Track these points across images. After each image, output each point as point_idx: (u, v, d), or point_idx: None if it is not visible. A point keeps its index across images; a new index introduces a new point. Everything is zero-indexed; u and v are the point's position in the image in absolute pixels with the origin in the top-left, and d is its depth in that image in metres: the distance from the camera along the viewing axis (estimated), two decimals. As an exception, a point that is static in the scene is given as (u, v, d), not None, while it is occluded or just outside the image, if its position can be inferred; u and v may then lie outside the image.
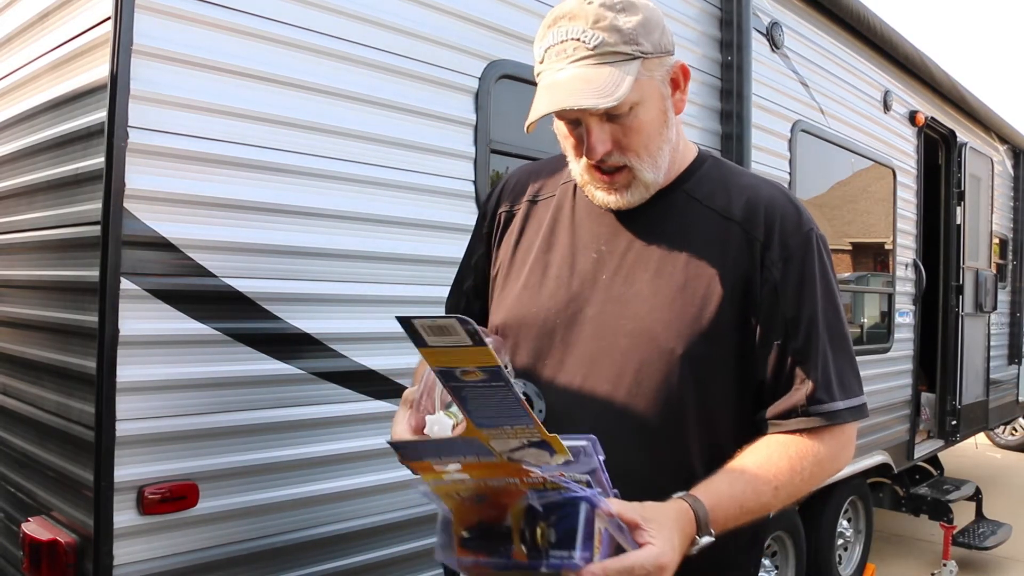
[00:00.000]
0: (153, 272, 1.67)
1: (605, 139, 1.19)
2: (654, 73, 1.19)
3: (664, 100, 1.22)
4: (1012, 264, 6.80)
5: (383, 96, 2.06)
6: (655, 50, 1.18)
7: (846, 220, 4.32)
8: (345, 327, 2.00)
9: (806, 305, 1.21)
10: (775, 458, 1.18)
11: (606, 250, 1.27)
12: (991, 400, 6.03)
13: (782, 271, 1.20)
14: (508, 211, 1.41)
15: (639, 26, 1.16)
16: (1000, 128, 6.31)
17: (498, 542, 0.99)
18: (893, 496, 4.97)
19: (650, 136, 1.21)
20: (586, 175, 1.25)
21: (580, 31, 1.14)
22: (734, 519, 1.14)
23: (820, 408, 1.20)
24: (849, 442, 1.25)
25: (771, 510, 1.21)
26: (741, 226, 1.23)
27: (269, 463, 1.86)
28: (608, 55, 1.14)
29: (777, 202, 1.25)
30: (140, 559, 1.66)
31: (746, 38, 3.20)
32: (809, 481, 1.20)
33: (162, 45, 1.66)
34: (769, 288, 1.21)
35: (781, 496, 1.18)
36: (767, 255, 1.21)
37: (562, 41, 1.15)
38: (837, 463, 1.24)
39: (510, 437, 0.94)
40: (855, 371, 1.26)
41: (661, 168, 1.24)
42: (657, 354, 1.19)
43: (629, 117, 1.18)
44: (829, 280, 1.25)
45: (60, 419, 1.81)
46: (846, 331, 1.26)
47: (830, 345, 1.22)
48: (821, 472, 1.22)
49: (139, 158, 1.63)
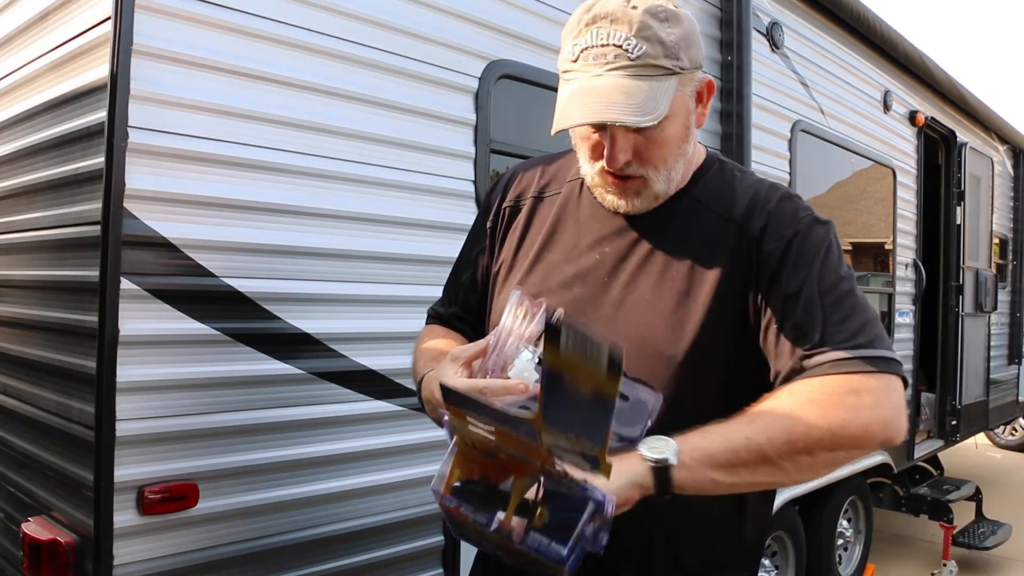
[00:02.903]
0: (153, 272, 1.67)
1: (627, 149, 1.17)
2: (686, 88, 1.17)
3: (689, 115, 1.21)
4: (1012, 264, 6.80)
5: (383, 96, 2.06)
6: (691, 65, 1.16)
7: (846, 220, 4.32)
8: (345, 327, 2.00)
9: (806, 278, 1.15)
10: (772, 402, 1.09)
11: (609, 252, 1.26)
12: (991, 400, 6.02)
13: (779, 259, 1.18)
14: (513, 206, 1.39)
15: (681, 39, 1.13)
16: (1000, 128, 6.31)
17: (487, 502, 0.99)
18: (893, 496, 4.97)
19: (670, 150, 1.20)
20: (598, 178, 1.24)
21: (623, 38, 1.10)
22: (707, 463, 1.05)
23: (823, 358, 1.10)
24: (884, 398, 1.08)
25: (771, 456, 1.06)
26: (740, 226, 1.21)
27: (269, 463, 1.86)
28: (648, 68, 1.10)
29: (774, 200, 1.23)
30: (140, 559, 1.66)
31: (746, 38, 3.20)
32: (832, 423, 1.05)
33: (162, 45, 1.66)
34: (767, 280, 1.18)
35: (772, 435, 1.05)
36: (762, 248, 1.19)
37: (602, 44, 1.11)
38: (877, 410, 1.07)
39: (567, 441, 0.92)
40: (879, 331, 1.13)
41: (673, 180, 1.23)
42: (657, 361, 1.18)
43: (656, 131, 1.16)
44: (832, 255, 1.18)
45: (60, 419, 1.81)
46: (860, 297, 1.16)
47: (841, 306, 1.13)
48: (852, 414, 1.05)
49: (139, 158, 1.63)
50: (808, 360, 1.12)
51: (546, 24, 2.46)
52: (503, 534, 0.98)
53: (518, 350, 1.15)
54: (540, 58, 2.44)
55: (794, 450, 1.06)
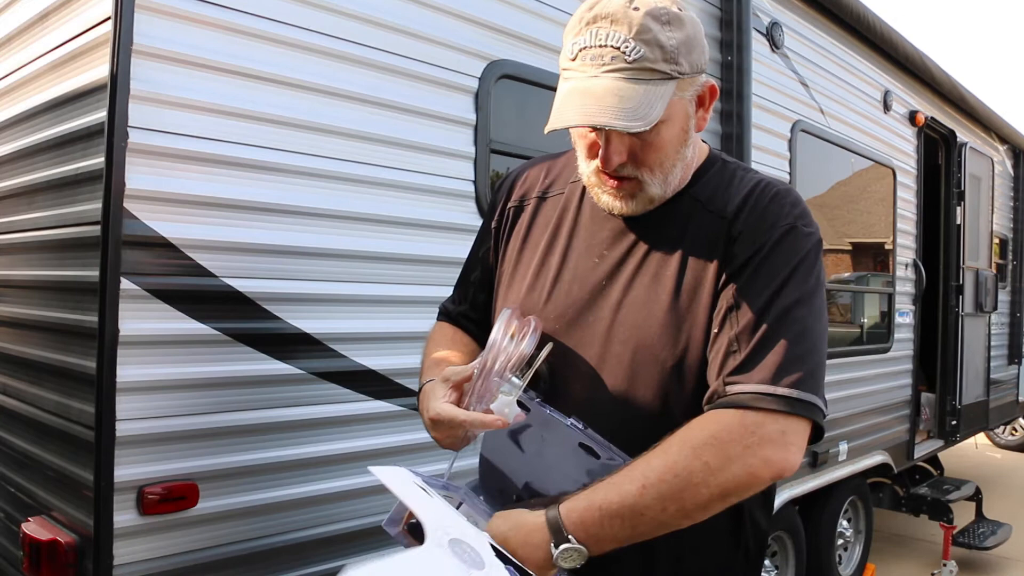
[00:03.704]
0: (153, 272, 1.67)
1: (622, 151, 1.17)
2: (685, 93, 1.16)
3: (688, 119, 1.19)
4: (1012, 264, 6.80)
5: (383, 96, 2.06)
6: (691, 70, 1.14)
7: (846, 220, 4.32)
8: (345, 327, 2.00)
9: (760, 292, 1.12)
10: (658, 451, 1.07)
11: (608, 255, 1.26)
12: (991, 400, 6.03)
13: (741, 264, 1.15)
14: (517, 206, 1.39)
15: (681, 44, 1.12)
16: (1000, 128, 6.31)
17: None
18: (893, 496, 4.97)
19: (667, 154, 1.18)
20: (594, 178, 1.23)
21: (621, 39, 1.09)
22: (596, 523, 1.06)
23: (737, 388, 1.08)
24: (783, 436, 1.06)
25: (649, 510, 1.06)
26: (730, 223, 1.20)
27: (269, 463, 1.86)
28: (645, 71, 1.09)
29: (764, 199, 1.20)
30: (140, 559, 1.66)
31: (746, 38, 3.20)
32: (710, 472, 1.04)
33: (162, 45, 1.66)
34: (724, 278, 1.15)
35: (652, 492, 1.05)
36: (732, 248, 1.17)
37: (600, 45, 1.10)
38: (765, 450, 1.05)
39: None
40: (810, 368, 1.09)
41: (670, 184, 1.22)
42: (650, 364, 1.17)
43: (651, 134, 1.15)
44: (799, 272, 1.14)
45: (60, 419, 1.81)
46: (810, 324, 1.12)
47: (780, 332, 1.10)
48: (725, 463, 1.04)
49: (139, 158, 1.63)
50: (730, 386, 1.10)
51: (546, 24, 2.46)
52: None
53: (503, 380, 1.18)
54: (540, 58, 2.44)
55: (684, 510, 1.07)
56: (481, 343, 1.33)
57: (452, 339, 1.43)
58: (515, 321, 1.21)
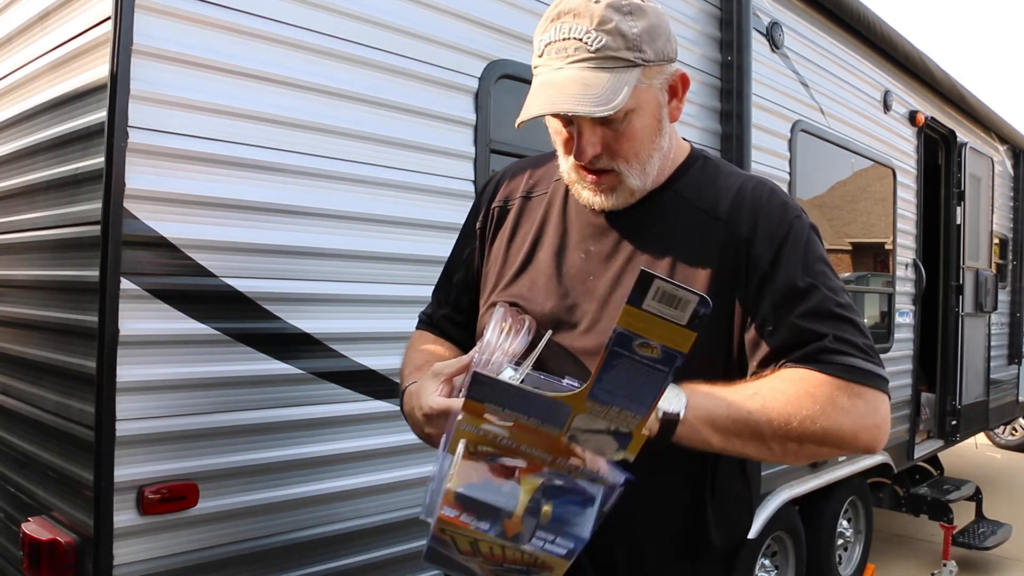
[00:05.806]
0: (153, 272, 1.67)
1: (596, 142, 1.18)
2: (653, 81, 1.17)
3: (660, 108, 1.21)
4: (1012, 264, 6.80)
5: (383, 96, 2.06)
6: (657, 58, 1.16)
7: (846, 220, 4.32)
8: (345, 327, 2.00)
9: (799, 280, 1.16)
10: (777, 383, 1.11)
11: (594, 251, 1.26)
12: (991, 400, 6.02)
13: (770, 262, 1.18)
14: (502, 206, 1.40)
15: (644, 32, 1.14)
16: (1000, 128, 6.31)
17: (489, 509, 0.98)
18: (893, 496, 4.97)
19: (641, 144, 1.19)
20: (573, 173, 1.24)
21: (583, 31, 1.11)
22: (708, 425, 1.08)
23: (838, 359, 1.11)
24: (875, 411, 1.12)
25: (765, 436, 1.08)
26: (726, 224, 1.21)
27: (269, 463, 1.86)
28: (609, 60, 1.12)
29: (761, 197, 1.23)
30: (140, 559, 1.66)
31: (746, 38, 3.20)
32: (827, 423, 1.08)
33: (162, 45, 1.66)
34: (756, 281, 1.18)
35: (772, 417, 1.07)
36: (752, 251, 1.19)
37: (564, 39, 1.13)
38: (861, 421, 1.10)
39: (605, 419, 0.94)
40: (871, 341, 1.17)
41: (649, 175, 1.23)
42: None
43: (623, 124, 1.16)
44: (820, 259, 1.20)
45: (60, 419, 1.81)
46: (851, 305, 1.18)
47: (835, 313, 1.15)
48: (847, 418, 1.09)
49: (139, 158, 1.63)
50: (815, 355, 1.12)
51: (546, 24, 2.46)
52: (507, 537, 0.98)
53: (501, 367, 1.16)
54: (540, 58, 2.44)
55: (787, 437, 1.09)
56: (465, 347, 1.34)
57: (435, 344, 1.42)
58: (509, 318, 1.21)
